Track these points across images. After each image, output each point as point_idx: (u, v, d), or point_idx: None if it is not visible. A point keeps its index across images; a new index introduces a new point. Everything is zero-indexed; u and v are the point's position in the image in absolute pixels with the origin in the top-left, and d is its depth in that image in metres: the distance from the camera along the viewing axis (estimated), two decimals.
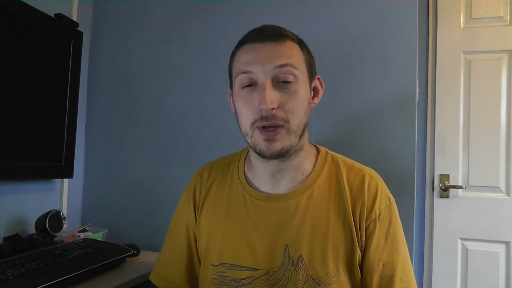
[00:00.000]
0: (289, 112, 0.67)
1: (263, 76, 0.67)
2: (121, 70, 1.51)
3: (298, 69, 0.69)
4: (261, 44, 0.68)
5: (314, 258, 0.71)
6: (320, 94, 0.78)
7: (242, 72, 0.69)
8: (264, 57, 0.67)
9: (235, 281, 0.74)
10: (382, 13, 1.20)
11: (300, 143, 0.72)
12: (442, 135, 1.75)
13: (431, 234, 1.75)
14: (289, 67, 0.67)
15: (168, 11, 1.45)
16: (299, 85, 0.69)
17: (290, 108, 0.67)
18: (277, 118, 0.66)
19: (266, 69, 0.67)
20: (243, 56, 0.70)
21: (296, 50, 0.70)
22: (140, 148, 1.46)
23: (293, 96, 0.68)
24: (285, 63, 0.67)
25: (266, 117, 0.66)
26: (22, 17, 1.15)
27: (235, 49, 0.73)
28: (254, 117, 0.67)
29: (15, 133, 1.17)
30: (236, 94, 0.72)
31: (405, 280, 0.71)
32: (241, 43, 0.72)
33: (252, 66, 0.67)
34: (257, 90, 0.67)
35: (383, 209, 0.73)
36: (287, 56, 0.68)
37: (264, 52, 0.68)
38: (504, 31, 1.71)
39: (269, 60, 0.67)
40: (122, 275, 0.99)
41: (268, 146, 0.67)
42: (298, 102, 0.69)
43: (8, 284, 0.78)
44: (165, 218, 0.94)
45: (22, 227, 1.25)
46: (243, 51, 0.70)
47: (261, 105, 0.65)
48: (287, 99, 0.67)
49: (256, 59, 0.68)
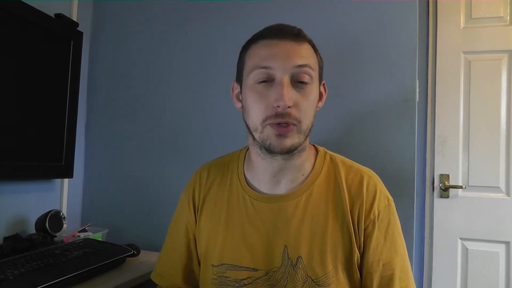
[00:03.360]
0: (302, 112, 0.67)
1: (281, 73, 0.66)
2: (121, 70, 1.51)
3: (314, 71, 0.70)
4: (281, 41, 0.68)
5: (313, 259, 0.71)
6: (324, 99, 0.78)
7: (261, 67, 0.68)
8: (284, 54, 0.67)
9: (235, 281, 0.74)
10: (382, 13, 1.20)
11: (305, 142, 0.72)
12: (442, 135, 1.75)
13: (431, 234, 1.75)
14: (307, 68, 0.68)
15: (168, 11, 1.45)
16: (313, 87, 0.70)
17: (304, 108, 0.68)
18: (292, 117, 0.66)
19: (286, 66, 0.66)
20: (262, 51, 0.69)
21: (311, 53, 0.71)
22: (140, 148, 1.46)
23: (307, 97, 0.68)
24: (304, 63, 0.67)
25: (281, 114, 0.66)
26: (22, 17, 1.15)
27: (250, 43, 0.73)
28: (267, 113, 0.67)
29: (15, 133, 1.17)
30: (248, 89, 0.71)
31: (404, 279, 0.71)
32: (258, 38, 0.71)
33: (272, 61, 0.67)
34: (274, 86, 0.67)
35: (382, 210, 0.73)
36: (306, 56, 0.69)
37: (284, 49, 0.68)
38: (504, 31, 1.71)
39: (289, 58, 0.67)
40: (122, 275, 0.99)
41: (279, 142, 0.67)
42: (311, 104, 0.69)
43: (8, 284, 0.78)
44: (165, 218, 0.94)
45: (22, 227, 1.25)
46: (262, 45, 0.69)
47: (278, 102, 0.65)
48: (302, 100, 0.68)
49: (276, 55, 0.67)
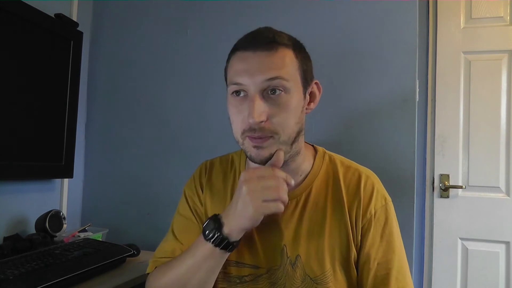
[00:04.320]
0: (277, 125, 0.66)
1: (252, 88, 0.66)
2: (121, 70, 1.51)
3: (289, 81, 0.67)
4: (252, 53, 0.67)
5: (311, 257, 0.71)
6: (317, 99, 0.76)
7: (233, 83, 0.68)
8: (254, 68, 0.66)
9: (238, 277, 0.75)
10: (382, 13, 1.20)
11: (294, 149, 0.71)
12: (442, 135, 1.75)
13: (431, 234, 1.75)
14: (279, 80, 0.65)
15: (168, 11, 1.45)
16: (290, 96, 0.67)
17: (279, 120, 0.66)
18: (265, 130, 0.66)
19: (255, 81, 0.65)
20: (235, 65, 0.69)
21: (289, 59, 0.68)
22: (140, 148, 1.46)
23: (283, 108, 0.67)
24: (275, 76, 0.65)
25: (254, 129, 0.66)
26: (22, 17, 1.15)
27: (230, 52, 0.72)
28: (244, 127, 0.67)
29: (15, 133, 1.17)
30: (228, 101, 0.71)
31: (401, 280, 0.71)
32: (235, 48, 0.71)
33: (242, 77, 0.66)
34: (247, 101, 0.67)
35: (378, 209, 0.74)
36: (277, 68, 0.66)
37: (254, 63, 0.66)
38: (504, 31, 1.71)
39: (259, 72, 0.65)
40: (122, 275, 0.99)
41: (257, 153, 0.68)
42: (288, 114, 0.67)
43: (8, 284, 0.78)
44: (165, 218, 0.94)
45: (22, 227, 1.25)
46: (236, 59, 0.69)
47: (249, 118, 0.65)
48: (277, 112, 0.66)
49: (246, 70, 0.66)
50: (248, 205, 0.64)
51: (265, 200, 0.63)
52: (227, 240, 0.66)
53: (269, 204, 0.63)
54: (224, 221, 0.67)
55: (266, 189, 0.64)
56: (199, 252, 0.69)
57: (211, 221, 0.68)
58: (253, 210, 0.63)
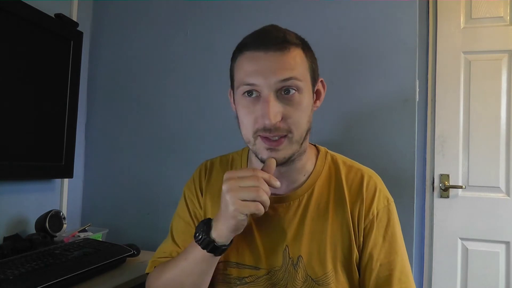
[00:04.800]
0: (292, 124, 0.66)
1: (266, 89, 0.65)
2: (121, 70, 1.51)
3: (302, 81, 0.67)
4: (264, 53, 0.65)
5: (313, 258, 0.71)
6: (322, 97, 0.77)
7: (246, 83, 0.67)
8: (267, 69, 0.65)
9: (238, 279, 0.74)
10: (382, 13, 1.20)
11: (302, 148, 0.71)
12: (442, 135, 1.75)
13: (431, 234, 1.75)
14: (293, 80, 0.65)
15: (168, 11, 1.45)
16: (303, 95, 0.67)
17: (294, 120, 0.66)
18: (281, 130, 0.66)
19: (269, 82, 0.64)
20: (245, 65, 0.67)
21: (300, 58, 0.68)
22: (140, 148, 1.46)
23: (297, 107, 0.67)
24: (289, 76, 0.65)
25: (269, 129, 0.65)
26: (22, 17, 1.15)
27: (237, 51, 0.70)
28: (257, 126, 0.66)
29: (15, 133, 1.17)
30: (238, 102, 0.70)
31: (404, 281, 0.71)
32: (243, 48, 0.69)
33: (255, 78, 0.65)
34: (260, 102, 0.66)
35: (381, 209, 0.73)
36: (291, 68, 0.66)
37: (267, 63, 0.65)
38: (504, 31, 1.71)
39: (273, 73, 0.64)
40: (122, 275, 0.99)
41: (270, 155, 0.67)
42: (301, 113, 0.68)
43: (8, 284, 0.78)
44: (165, 218, 0.94)
45: (22, 227, 1.25)
46: (246, 59, 0.68)
47: (264, 119, 0.64)
48: (291, 111, 0.66)
49: (259, 71, 0.65)
50: (228, 204, 0.63)
51: (244, 200, 0.62)
52: (214, 243, 0.66)
53: (248, 203, 0.62)
54: (213, 224, 0.67)
55: (245, 188, 0.62)
56: (191, 255, 0.69)
57: (201, 224, 0.68)
58: (232, 208, 0.62)
